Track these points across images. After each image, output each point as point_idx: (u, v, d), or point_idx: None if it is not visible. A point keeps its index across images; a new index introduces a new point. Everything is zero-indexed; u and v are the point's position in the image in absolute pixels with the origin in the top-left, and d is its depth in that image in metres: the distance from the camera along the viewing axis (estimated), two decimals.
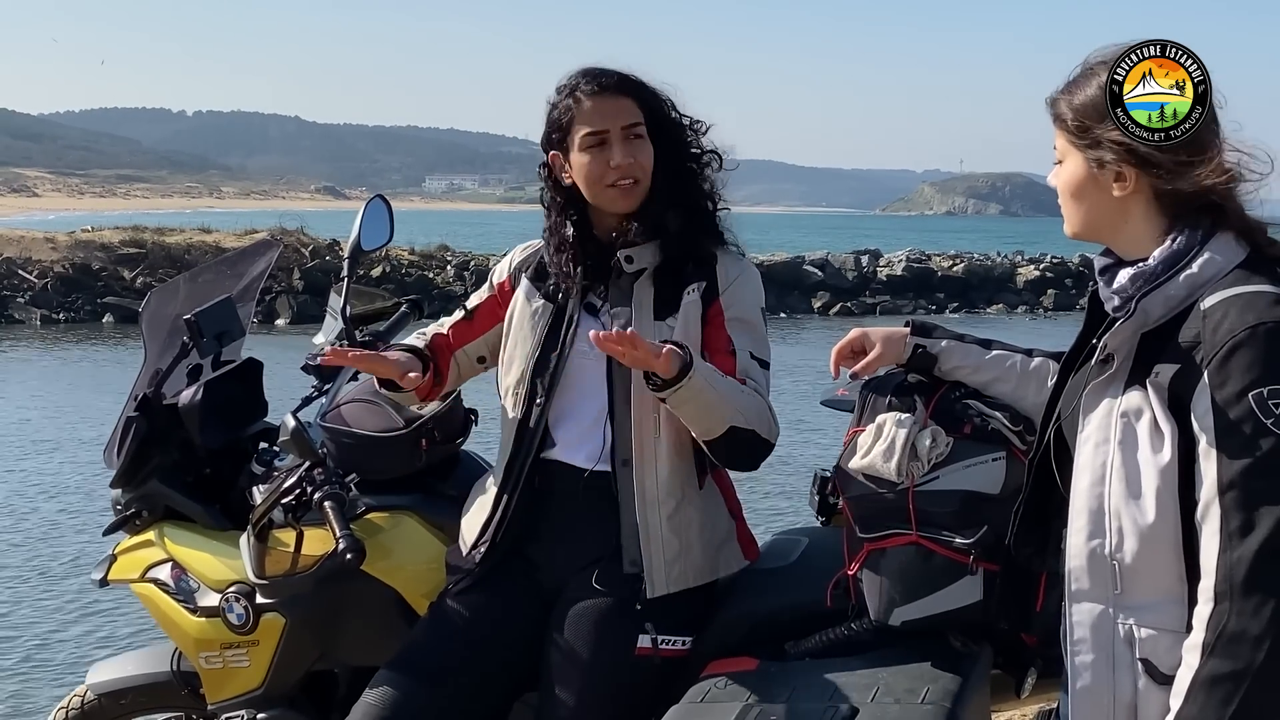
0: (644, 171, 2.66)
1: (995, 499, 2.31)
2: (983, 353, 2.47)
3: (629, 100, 2.66)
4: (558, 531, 2.72)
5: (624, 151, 2.63)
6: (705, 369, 2.51)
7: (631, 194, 2.66)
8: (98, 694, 3.30)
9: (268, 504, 2.69)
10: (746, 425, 2.54)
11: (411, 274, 29.06)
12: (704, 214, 2.73)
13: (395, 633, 2.82)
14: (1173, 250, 1.92)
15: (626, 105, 2.66)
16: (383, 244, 3.18)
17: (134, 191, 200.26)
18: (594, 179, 2.65)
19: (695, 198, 2.72)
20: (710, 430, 2.53)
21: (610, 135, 2.63)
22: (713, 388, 2.49)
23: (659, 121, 2.69)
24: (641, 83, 2.69)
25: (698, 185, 2.73)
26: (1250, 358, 1.80)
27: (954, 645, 2.43)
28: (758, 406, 2.57)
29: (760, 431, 2.57)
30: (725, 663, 2.52)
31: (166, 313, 3.27)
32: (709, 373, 2.51)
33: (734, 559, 2.72)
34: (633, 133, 2.65)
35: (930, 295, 33.28)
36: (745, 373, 2.63)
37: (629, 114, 2.65)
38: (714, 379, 2.51)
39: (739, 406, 2.53)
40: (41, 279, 27.71)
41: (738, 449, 2.58)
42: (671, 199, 2.67)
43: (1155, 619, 1.90)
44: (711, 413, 2.51)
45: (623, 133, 2.64)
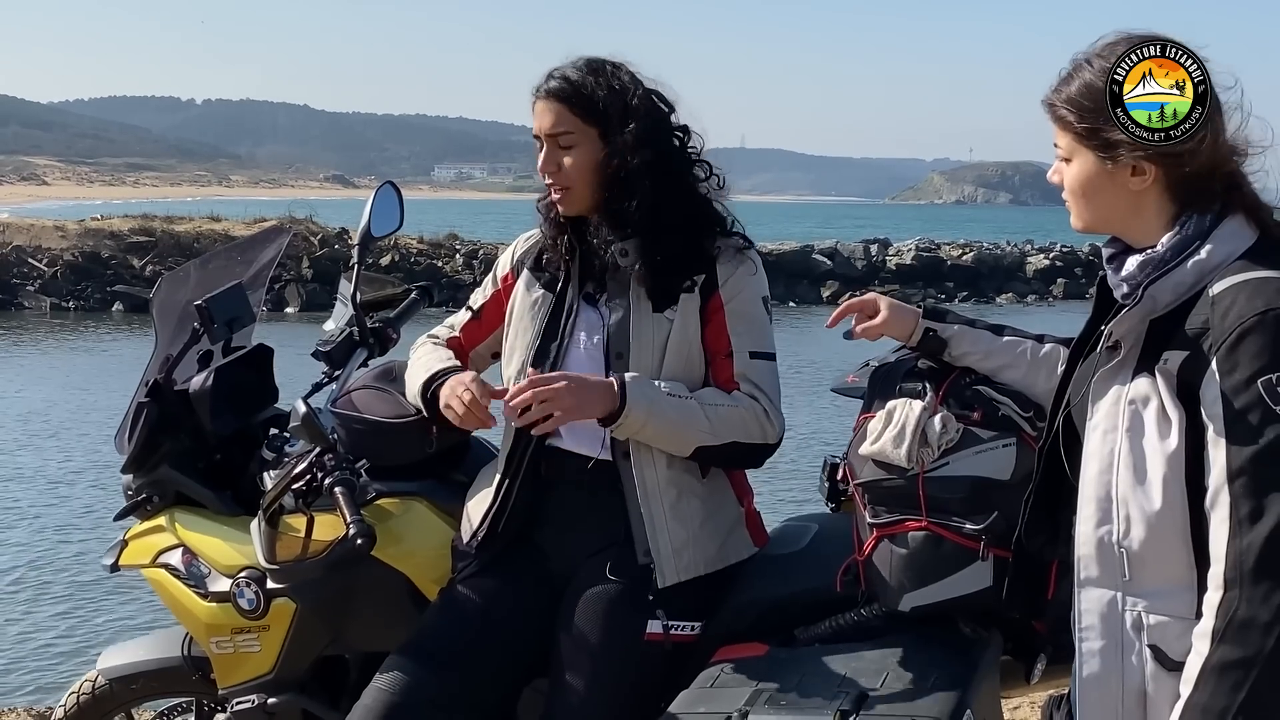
0: (569, 179, 2.66)
1: (1006, 485, 2.30)
2: (993, 338, 2.46)
3: (559, 106, 2.65)
4: (566, 519, 2.72)
5: (545, 159, 2.67)
6: (647, 402, 2.54)
7: (564, 199, 2.68)
8: (109, 679, 3.31)
9: (278, 489, 2.69)
10: (718, 441, 2.58)
11: (420, 263, 29.06)
12: (688, 205, 2.68)
13: (405, 618, 2.83)
14: (1181, 236, 1.92)
15: (555, 111, 2.66)
16: (393, 230, 3.18)
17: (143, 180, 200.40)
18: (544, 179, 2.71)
19: (669, 190, 2.65)
20: (678, 451, 2.60)
21: (542, 140, 2.68)
22: (659, 417, 2.54)
23: (613, 119, 2.64)
24: (579, 86, 2.65)
25: (673, 177, 2.67)
26: (1259, 344, 1.80)
27: (964, 631, 2.43)
28: (735, 418, 2.59)
29: (744, 440, 2.60)
30: (735, 648, 2.53)
31: (177, 299, 3.27)
32: (653, 404, 2.54)
33: (743, 546, 2.72)
34: (558, 141, 2.66)
35: (940, 284, 33.24)
36: (742, 375, 2.63)
37: (556, 121, 2.65)
38: (661, 408, 2.55)
39: (703, 426, 2.57)
40: (51, 267, 27.76)
41: (721, 459, 2.64)
42: (634, 194, 2.62)
43: (1164, 606, 1.90)
44: (667, 438, 2.58)
45: (547, 140, 2.67)
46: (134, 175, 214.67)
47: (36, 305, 26.84)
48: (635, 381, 2.56)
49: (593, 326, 2.67)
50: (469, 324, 2.91)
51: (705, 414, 2.57)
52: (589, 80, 2.66)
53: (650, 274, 2.64)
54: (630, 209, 2.62)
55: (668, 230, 2.64)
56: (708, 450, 2.60)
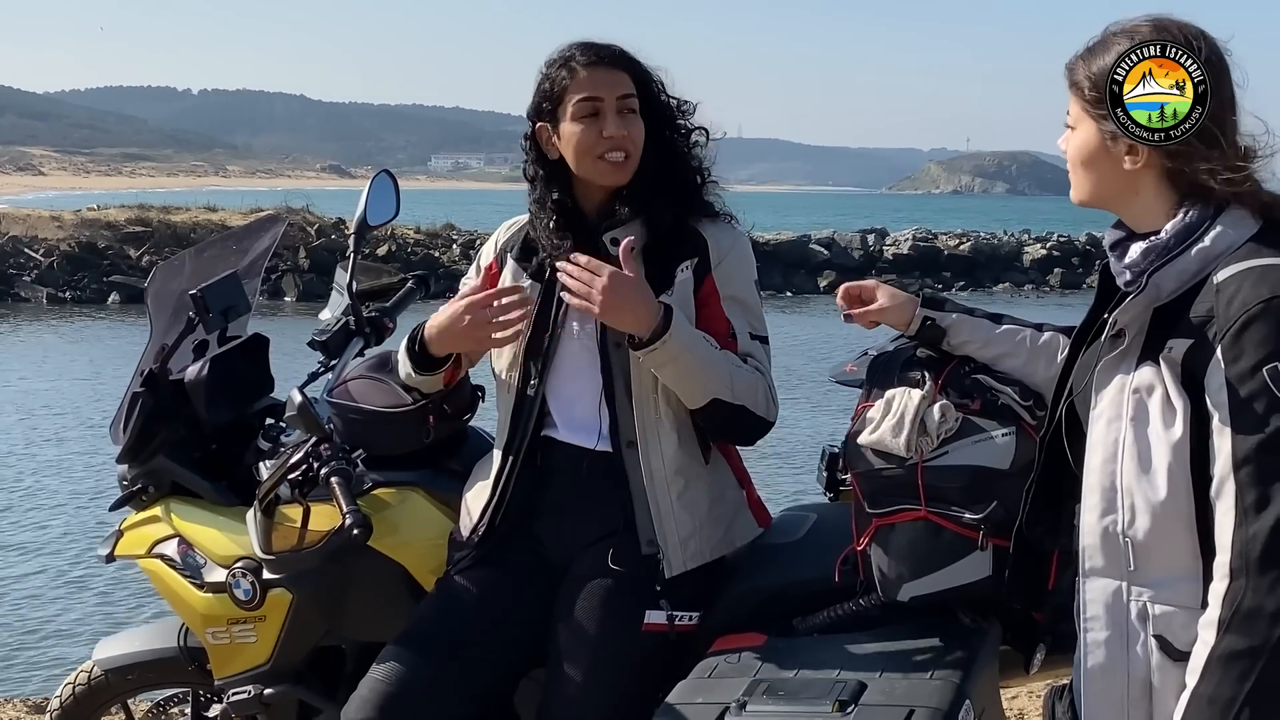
0: (635, 146, 2.63)
1: (1005, 474, 2.29)
2: (992, 327, 2.45)
3: (624, 74, 2.64)
4: (562, 508, 2.71)
5: (617, 123, 2.61)
6: (688, 335, 2.51)
7: (622, 168, 2.63)
8: (105, 670, 3.31)
9: (274, 479, 2.68)
10: (734, 400, 2.55)
11: (417, 253, 29.06)
12: (692, 192, 2.71)
13: (402, 608, 2.82)
14: (1185, 223, 1.90)
15: (622, 78, 2.64)
16: (389, 219, 3.17)
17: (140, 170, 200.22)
18: (584, 149, 2.62)
19: (683, 176, 2.70)
20: (691, 398, 2.55)
21: (604, 105, 2.61)
22: (694, 354, 2.50)
23: (649, 100, 2.67)
24: (636, 59, 2.68)
25: (687, 165, 2.71)
26: (1264, 332, 1.79)
27: (963, 621, 2.42)
28: (752, 384, 2.57)
29: (751, 408, 2.58)
30: (733, 638, 2.52)
31: (172, 288, 3.26)
32: (692, 340, 2.51)
33: (748, 529, 2.72)
34: (626, 106, 2.63)
35: (937, 274, 33.24)
36: (748, 354, 2.62)
37: (624, 86, 2.63)
38: (698, 346, 2.52)
39: (726, 379, 2.53)
40: (48, 257, 27.74)
41: (725, 422, 2.60)
42: (659, 179, 2.64)
43: (1169, 595, 1.89)
44: (692, 379, 2.52)
45: (617, 104, 2.62)
46: (130, 165, 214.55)
47: (33, 296, 26.82)
48: (679, 314, 2.53)
49: (585, 316, 2.64)
50: None
51: (731, 370, 2.55)
52: (635, 58, 2.67)
53: (648, 258, 2.63)
54: (653, 195, 2.62)
55: (668, 209, 2.64)
56: (720, 406, 2.55)
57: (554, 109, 2.65)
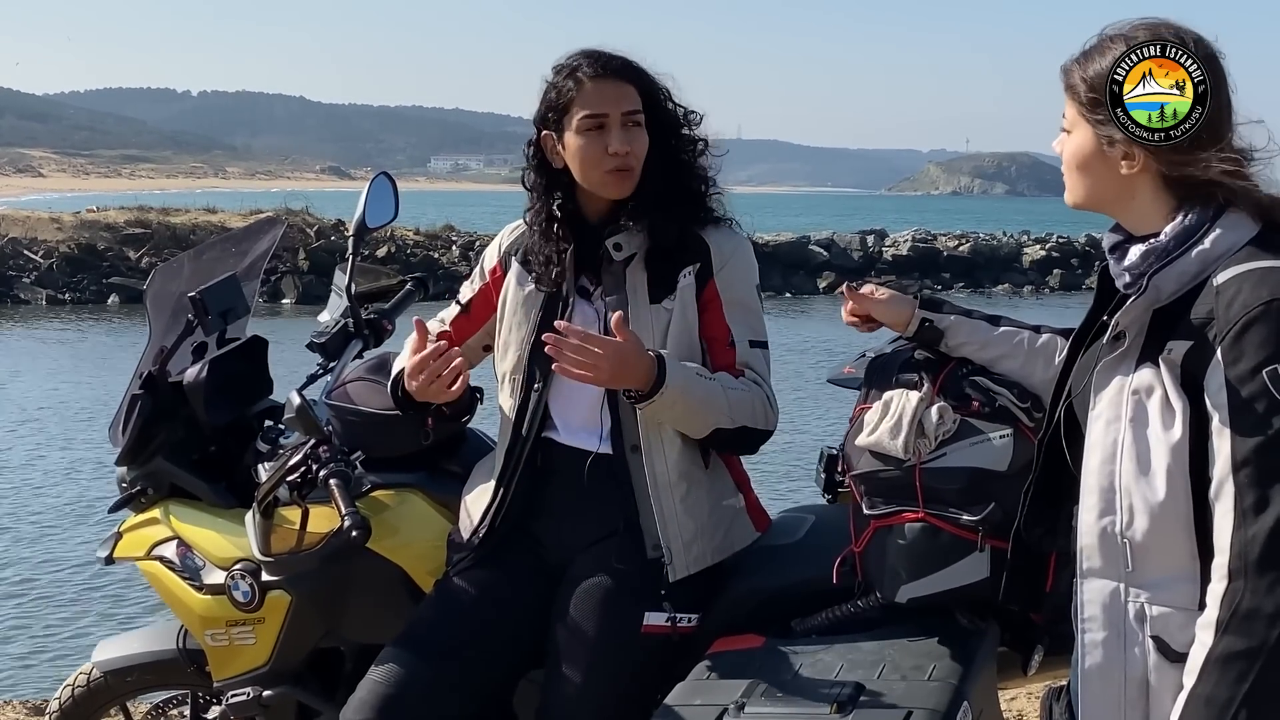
0: (638, 160, 2.64)
1: (1003, 476, 2.29)
2: (990, 329, 2.45)
3: (630, 86, 2.64)
4: (562, 509, 2.71)
5: (622, 138, 2.61)
6: (682, 378, 2.51)
7: (625, 181, 2.64)
8: (104, 671, 3.31)
9: (273, 481, 2.68)
10: (733, 425, 2.57)
11: (417, 254, 29.03)
12: (696, 201, 2.71)
13: (401, 610, 2.82)
14: (1184, 226, 1.90)
15: (628, 91, 2.63)
16: (388, 221, 3.17)
17: (139, 172, 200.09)
18: (589, 163, 2.62)
19: (688, 185, 2.70)
20: (693, 432, 2.58)
21: (609, 120, 2.61)
22: (690, 396, 2.51)
23: (655, 110, 2.67)
24: (643, 70, 2.67)
25: (691, 173, 2.71)
26: (1264, 334, 1.79)
27: (961, 623, 2.42)
28: (748, 402, 2.58)
29: (750, 425, 2.59)
30: (731, 640, 2.52)
31: (171, 290, 3.26)
32: (687, 383, 2.52)
33: (746, 533, 2.72)
34: (631, 120, 2.63)
35: (936, 275, 33.24)
36: (745, 363, 2.63)
37: (629, 100, 2.63)
38: (693, 386, 2.52)
39: (724, 408, 2.55)
40: (47, 259, 27.74)
41: (727, 443, 2.63)
42: (663, 189, 2.65)
43: (1167, 597, 1.89)
44: (692, 419, 2.55)
45: (622, 119, 2.62)
46: (129, 167, 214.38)
47: (32, 297, 26.81)
48: (671, 360, 2.53)
49: (589, 321, 2.65)
50: (458, 319, 2.89)
51: (726, 396, 2.56)
52: (642, 68, 2.67)
53: (650, 264, 2.63)
54: (656, 205, 2.63)
55: (673, 219, 2.64)
56: (719, 435, 2.58)
57: (559, 119, 2.65)
